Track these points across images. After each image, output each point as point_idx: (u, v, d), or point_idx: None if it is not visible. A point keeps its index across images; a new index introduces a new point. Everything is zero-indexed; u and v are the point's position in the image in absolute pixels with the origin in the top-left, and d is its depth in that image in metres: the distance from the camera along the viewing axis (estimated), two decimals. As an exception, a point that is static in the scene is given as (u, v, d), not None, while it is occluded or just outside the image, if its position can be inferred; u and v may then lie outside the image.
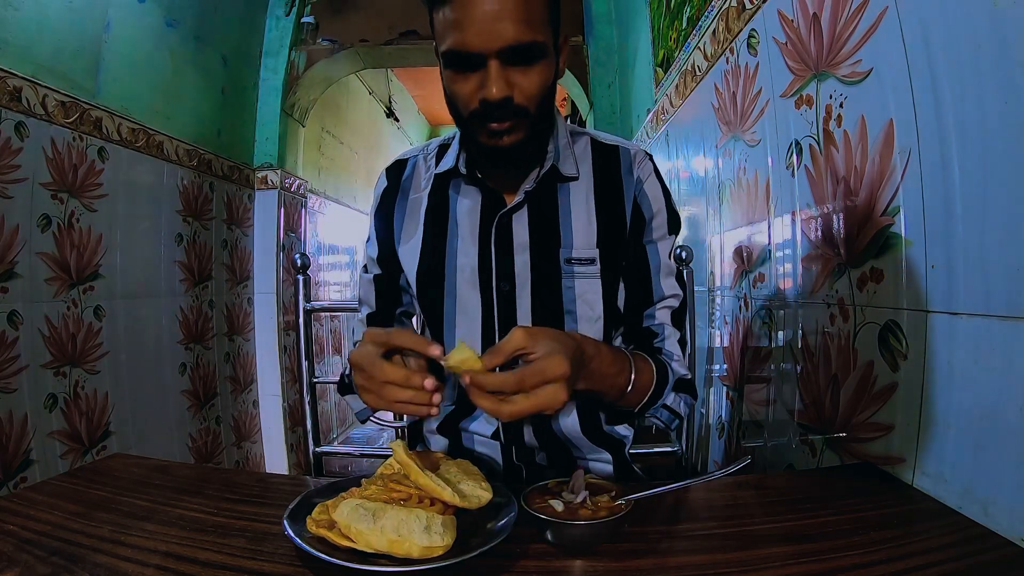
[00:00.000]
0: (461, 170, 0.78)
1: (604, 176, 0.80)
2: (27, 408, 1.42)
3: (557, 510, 0.54)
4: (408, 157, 0.88)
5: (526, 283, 0.77)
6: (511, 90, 0.64)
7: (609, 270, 0.78)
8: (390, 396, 0.57)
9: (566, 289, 0.77)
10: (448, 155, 0.82)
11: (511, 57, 0.63)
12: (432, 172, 0.84)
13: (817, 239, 0.90)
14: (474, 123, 0.68)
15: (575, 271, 0.77)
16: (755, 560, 0.50)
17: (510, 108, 0.65)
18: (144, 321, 1.91)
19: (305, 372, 1.18)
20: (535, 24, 0.63)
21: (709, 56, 1.37)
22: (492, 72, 0.63)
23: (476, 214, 0.79)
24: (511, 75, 0.64)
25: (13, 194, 1.39)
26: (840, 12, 0.81)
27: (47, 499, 0.64)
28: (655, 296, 0.80)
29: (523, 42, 0.62)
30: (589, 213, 0.78)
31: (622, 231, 0.79)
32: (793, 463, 0.98)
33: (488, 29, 0.61)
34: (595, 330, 0.78)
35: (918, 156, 0.66)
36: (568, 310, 0.77)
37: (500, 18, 0.61)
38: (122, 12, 1.77)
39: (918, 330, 0.67)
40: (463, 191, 0.81)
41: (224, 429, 2.39)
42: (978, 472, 0.58)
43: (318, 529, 0.50)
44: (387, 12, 2.75)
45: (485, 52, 0.62)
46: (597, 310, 0.78)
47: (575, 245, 0.77)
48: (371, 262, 0.87)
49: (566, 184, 0.79)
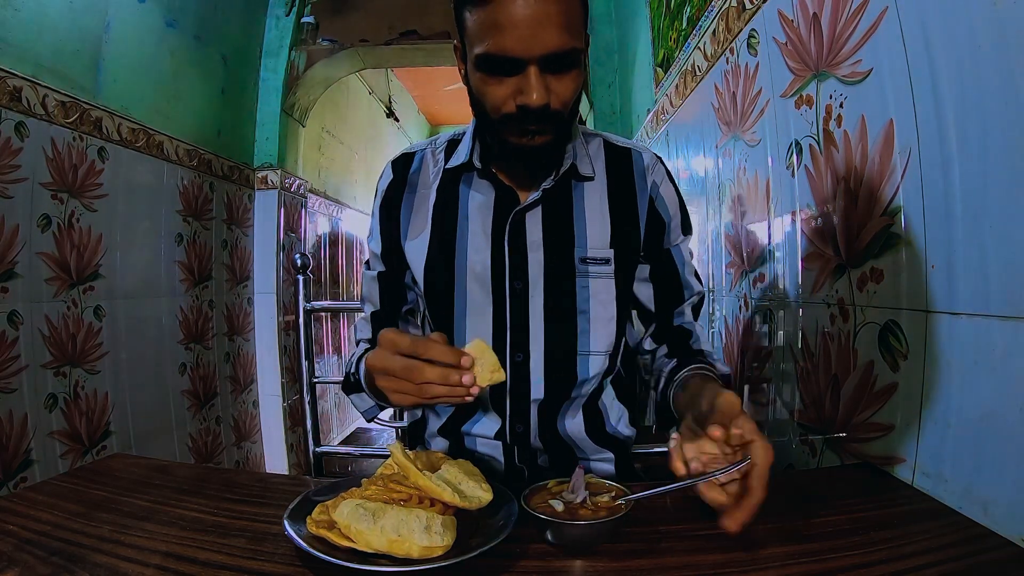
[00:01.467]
0: (476, 164, 0.77)
1: (617, 177, 0.80)
2: (27, 408, 1.42)
3: (557, 510, 0.54)
4: (415, 151, 0.86)
5: (539, 282, 0.77)
6: (548, 96, 0.64)
7: (622, 270, 0.78)
8: (429, 394, 0.56)
9: (580, 289, 0.77)
10: (460, 150, 0.80)
11: (551, 64, 0.62)
12: (441, 167, 0.82)
13: (817, 239, 0.90)
14: (506, 124, 0.67)
15: (589, 271, 0.77)
16: (755, 560, 0.50)
17: (547, 114, 0.64)
18: (144, 321, 1.91)
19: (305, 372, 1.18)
20: (575, 30, 0.63)
21: (709, 56, 1.37)
22: (532, 79, 0.62)
23: (489, 210, 0.78)
24: (549, 81, 0.63)
25: (13, 194, 1.39)
26: (840, 12, 0.81)
27: (47, 499, 0.64)
28: (686, 295, 0.82)
29: (565, 48, 0.62)
30: (603, 213, 0.78)
31: (635, 233, 0.79)
32: (793, 463, 0.98)
33: (531, 34, 0.60)
34: (608, 330, 0.79)
35: (918, 156, 0.66)
36: (582, 310, 0.77)
37: (544, 24, 0.60)
38: (122, 12, 1.77)
39: (918, 330, 0.67)
40: (475, 186, 0.79)
41: (224, 429, 2.39)
42: (978, 472, 0.58)
43: (318, 529, 0.50)
44: (387, 12, 2.75)
45: (526, 58, 0.61)
46: (611, 310, 0.78)
47: (589, 245, 0.77)
48: (374, 258, 0.85)
49: (581, 184, 0.79)
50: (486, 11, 0.61)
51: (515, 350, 0.77)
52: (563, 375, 0.78)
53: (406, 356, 0.56)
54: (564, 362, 0.78)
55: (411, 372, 0.55)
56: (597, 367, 0.79)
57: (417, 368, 0.55)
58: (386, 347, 0.57)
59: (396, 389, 0.58)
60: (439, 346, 0.55)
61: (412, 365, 0.55)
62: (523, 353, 0.77)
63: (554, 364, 0.77)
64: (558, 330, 0.77)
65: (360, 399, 0.81)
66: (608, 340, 0.79)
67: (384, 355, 0.57)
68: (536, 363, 0.77)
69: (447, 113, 6.11)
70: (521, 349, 0.77)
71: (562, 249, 0.77)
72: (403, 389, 0.57)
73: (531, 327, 0.77)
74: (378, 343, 0.59)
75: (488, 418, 0.81)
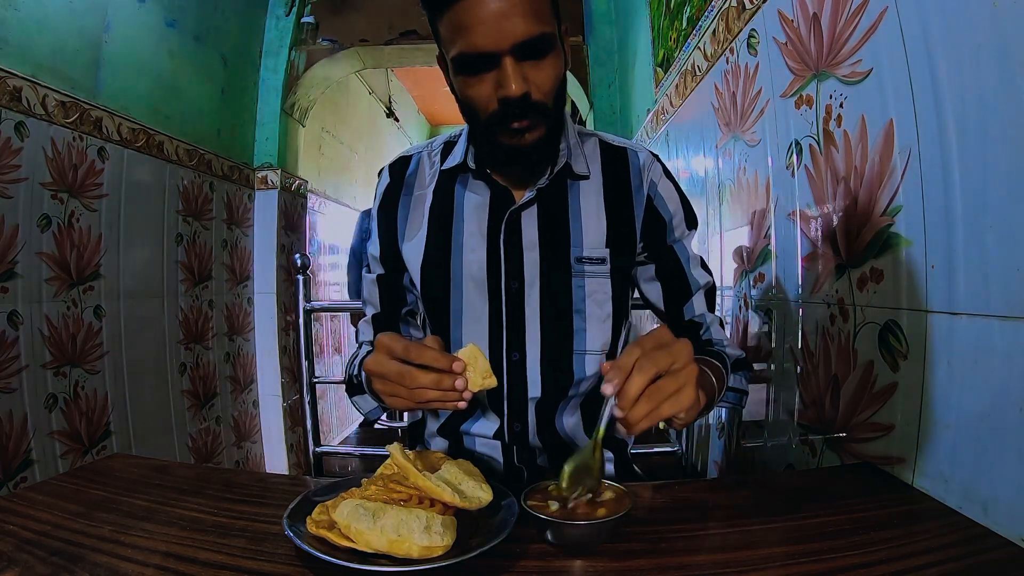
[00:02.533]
0: (470, 165, 0.77)
1: (613, 177, 0.80)
2: (27, 408, 1.42)
3: (556, 511, 0.54)
4: (412, 154, 0.86)
5: (535, 281, 0.77)
6: (528, 86, 0.64)
7: (618, 270, 0.79)
8: (422, 398, 0.57)
9: (576, 288, 0.77)
10: (455, 151, 0.81)
11: (524, 52, 0.63)
12: (437, 168, 0.82)
13: (817, 239, 0.90)
14: (494, 125, 0.67)
15: (585, 270, 0.77)
16: (755, 560, 0.50)
17: (529, 104, 0.64)
18: (144, 321, 1.91)
19: (305, 372, 1.18)
20: (543, 15, 0.63)
21: (709, 56, 1.37)
22: (508, 69, 0.63)
23: (484, 210, 0.78)
24: (526, 70, 0.64)
25: (13, 194, 1.39)
26: (840, 12, 0.81)
27: (47, 499, 0.64)
28: (692, 289, 0.82)
29: (534, 35, 0.62)
30: (599, 213, 0.78)
31: (631, 232, 0.79)
32: (793, 463, 0.98)
33: (498, 27, 0.60)
34: (604, 329, 0.79)
35: (918, 156, 0.66)
36: (577, 309, 0.77)
37: (509, 14, 0.60)
38: (122, 12, 1.77)
39: (918, 330, 0.67)
40: (470, 187, 0.80)
41: (224, 429, 2.39)
42: (978, 472, 0.58)
43: (318, 529, 0.50)
44: (387, 12, 2.75)
45: (498, 51, 0.62)
46: (606, 309, 0.79)
47: (585, 244, 0.77)
48: (374, 261, 0.86)
49: (576, 183, 0.79)
50: (453, 13, 0.62)
51: (511, 349, 0.77)
52: (560, 374, 0.78)
53: (401, 360, 0.56)
54: (561, 361, 0.78)
55: (404, 377, 0.56)
56: (594, 366, 0.79)
57: (410, 373, 0.56)
58: (381, 351, 0.58)
59: (391, 393, 0.59)
60: (432, 351, 0.56)
61: (406, 370, 0.56)
62: (519, 352, 0.77)
63: (551, 363, 0.77)
64: (554, 329, 0.77)
65: (363, 400, 0.82)
66: (604, 339, 0.79)
67: (380, 359, 0.58)
68: (533, 362, 0.77)
69: (447, 113, 6.11)
70: (518, 348, 0.77)
71: (557, 248, 0.77)
72: (397, 393, 0.58)
73: (527, 326, 0.77)
74: (375, 347, 0.59)
75: (487, 418, 0.81)
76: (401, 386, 0.57)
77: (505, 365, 0.77)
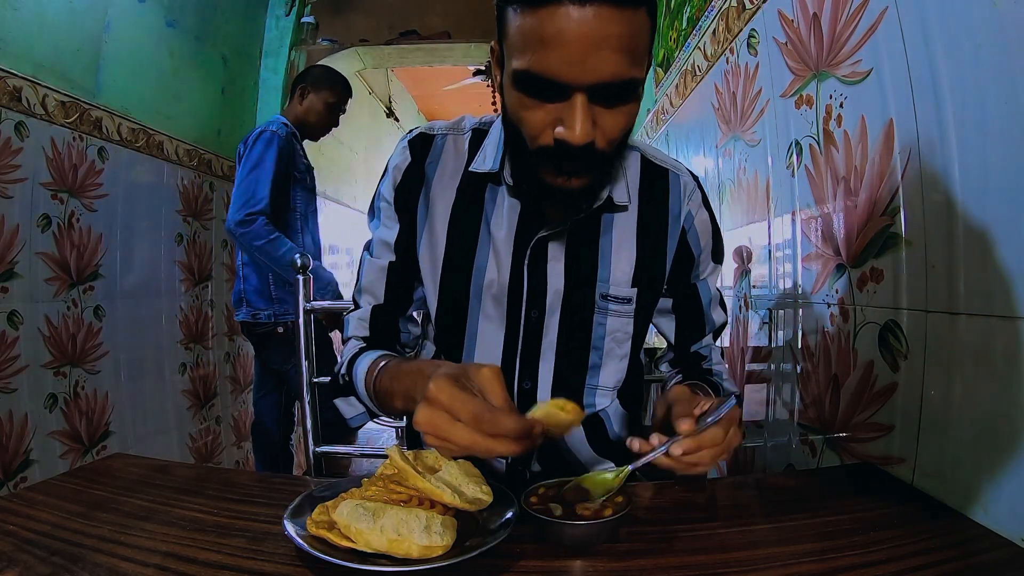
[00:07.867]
0: (507, 180, 0.70)
1: (651, 206, 0.74)
2: (27, 408, 1.42)
3: (555, 512, 0.54)
4: (435, 133, 0.76)
5: (555, 312, 0.72)
6: (595, 133, 0.54)
7: (643, 308, 0.75)
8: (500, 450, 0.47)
9: (597, 325, 0.73)
10: (486, 151, 0.72)
11: (602, 94, 0.53)
12: (463, 163, 0.74)
13: (817, 239, 0.90)
14: (541, 158, 0.58)
15: (609, 308, 0.73)
16: (755, 560, 0.50)
17: (590, 153, 0.55)
18: (144, 321, 1.91)
19: (305, 372, 1.18)
20: (637, 56, 0.53)
21: (709, 56, 1.37)
22: (578, 110, 0.52)
23: (512, 231, 0.71)
24: (597, 114, 0.54)
25: (13, 194, 1.39)
26: (840, 12, 0.81)
27: (47, 499, 0.64)
28: (707, 330, 0.80)
29: (621, 79, 0.52)
30: (631, 249, 0.73)
31: (661, 269, 0.75)
32: (793, 463, 0.98)
33: (582, 58, 0.50)
34: (620, 367, 0.77)
35: (918, 156, 0.66)
36: (596, 346, 0.74)
37: (600, 46, 0.50)
38: (122, 12, 1.77)
39: (918, 330, 0.67)
40: (500, 199, 0.72)
41: (224, 429, 2.39)
42: (978, 472, 0.58)
43: (318, 529, 0.50)
44: (387, 12, 2.75)
45: (574, 84, 0.52)
46: (624, 348, 0.76)
47: (612, 281, 0.72)
48: (384, 247, 0.75)
49: (612, 215, 0.73)
50: (534, 19, 0.51)
51: (523, 378, 0.74)
52: None
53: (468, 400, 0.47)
54: (571, 393, 0.75)
55: (478, 446, 0.46)
56: (605, 400, 0.78)
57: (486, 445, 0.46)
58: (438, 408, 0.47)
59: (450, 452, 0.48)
60: (509, 420, 0.46)
61: (481, 442, 0.46)
62: (531, 382, 0.75)
63: (561, 395, 0.74)
64: (569, 363, 0.74)
65: (348, 404, 0.76)
66: (618, 377, 0.77)
67: (440, 422, 0.47)
68: (544, 393, 0.75)
69: (447, 113, 6.11)
70: (530, 377, 0.74)
71: (583, 283, 0.72)
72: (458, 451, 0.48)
73: (542, 357, 0.74)
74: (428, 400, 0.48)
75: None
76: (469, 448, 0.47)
77: (516, 392, 0.74)
